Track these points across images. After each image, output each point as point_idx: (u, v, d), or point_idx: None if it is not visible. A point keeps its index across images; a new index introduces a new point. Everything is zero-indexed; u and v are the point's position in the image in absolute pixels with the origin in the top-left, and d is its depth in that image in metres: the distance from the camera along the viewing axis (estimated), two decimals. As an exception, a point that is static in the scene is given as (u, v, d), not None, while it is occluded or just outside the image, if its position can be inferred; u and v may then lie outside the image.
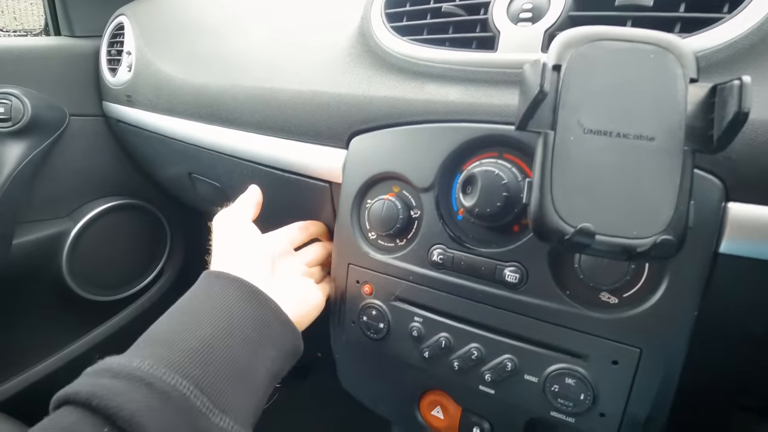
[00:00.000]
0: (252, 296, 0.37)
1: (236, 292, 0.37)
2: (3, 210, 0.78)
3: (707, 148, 0.28)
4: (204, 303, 0.36)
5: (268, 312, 0.37)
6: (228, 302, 0.36)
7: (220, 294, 0.36)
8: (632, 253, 0.27)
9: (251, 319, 0.36)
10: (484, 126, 0.41)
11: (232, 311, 0.35)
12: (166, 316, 0.36)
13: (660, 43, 0.29)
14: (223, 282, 0.38)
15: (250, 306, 0.36)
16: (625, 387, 0.36)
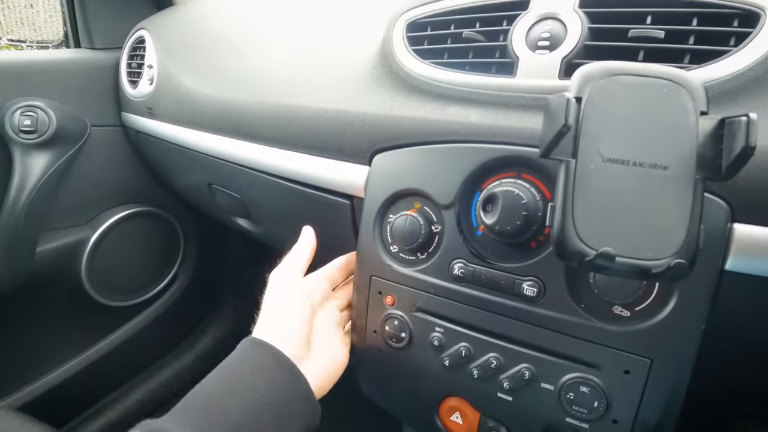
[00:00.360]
0: (288, 371, 0.41)
1: (275, 364, 0.41)
2: (29, 219, 0.80)
3: (716, 177, 0.31)
4: (243, 374, 0.40)
5: (299, 387, 0.41)
6: (267, 374, 0.39)
7: (260, 365, 0.40)
8: (648, 274, 0.30)
9: (283, 393, 0.39)
10: (504, 147, 0.43)
11: (272, 384, 0.39)
12: (209, 380, 0.40)
13: (673, 78, 0.32)
14: (263, 352, 0.42)
15: (285, 380, 0.40)
16: (637, 395, 0.38)
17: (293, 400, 0.40)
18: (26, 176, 0.80)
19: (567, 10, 0.43)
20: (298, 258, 0.52)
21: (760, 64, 0.36)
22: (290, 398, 0.40)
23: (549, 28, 0.43)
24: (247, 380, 0.38)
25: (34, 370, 0.91)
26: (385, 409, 0.54)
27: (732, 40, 0.37)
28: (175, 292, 1.15)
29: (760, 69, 0.36)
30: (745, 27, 0.37)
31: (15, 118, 0.79)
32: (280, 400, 0.38)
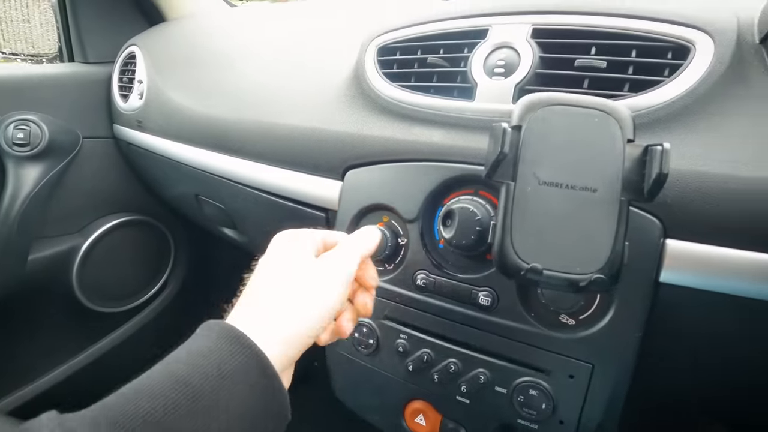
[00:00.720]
0: (270, 385, 0.29)
1: (258, 378, 0.29)
2: (21, 228, 0.83)
3: (640, 199, 0.34)
4: (212, 388, 0.27)
5: (280, 405, 0.30)
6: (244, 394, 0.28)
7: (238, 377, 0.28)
8: (576, 287, 0.33)
9: (261, 412, 0.29)
10: (463, 166, 0.47)
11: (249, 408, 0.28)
12: (160, 384, 0.27)
13: (603, 108, 0.35)
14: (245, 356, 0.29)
15: (267, 397, 0.29)
16: (580, 398, 0.41)
17: (267, 419, 0.29)
18: (19, 187, 0.83)
19: (521, 40, 0.46)
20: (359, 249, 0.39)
21: (690, 93, 0.39)
22: (265, 416, 0.29)
23: (504, 56, 0.46)
24: (215, 397, 0.27)
25: (26, 374, 0.93)
26: (357, 413, 0.57)
27: (666, 70, 0.41)
28: (165, 299, 1.18)
29: (689, 98, 0.39)
30: (677, 59, 0.41)
31: (9, 132, 0.82)
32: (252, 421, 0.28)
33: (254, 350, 0.29)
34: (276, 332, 0.31)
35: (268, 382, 0.29)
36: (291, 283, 0.34)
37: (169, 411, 0.25)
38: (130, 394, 0.26)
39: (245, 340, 0.29)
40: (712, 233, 0.37)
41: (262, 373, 0.29)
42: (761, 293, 0.36)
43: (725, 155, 0.37)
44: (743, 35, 0.41)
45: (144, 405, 0.25)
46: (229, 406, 0.27)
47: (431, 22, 0.53)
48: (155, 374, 0.27)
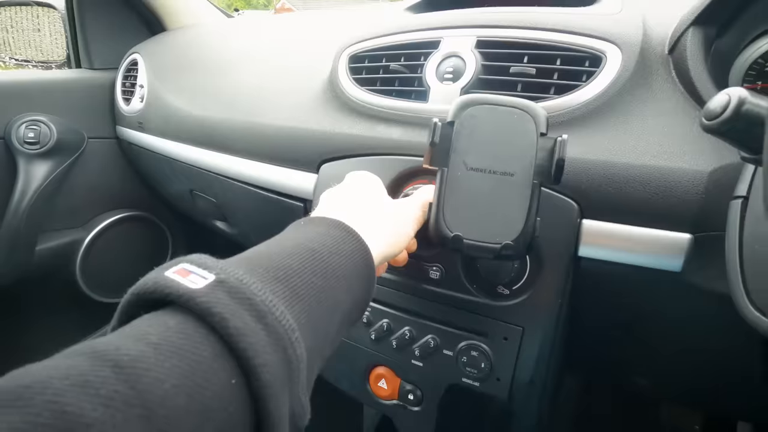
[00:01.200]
0: (369, 272, 0.35)
1: (361, 259, 0.34)
2: (30, 221, 0.90)
3: (548, 181, 0.41)
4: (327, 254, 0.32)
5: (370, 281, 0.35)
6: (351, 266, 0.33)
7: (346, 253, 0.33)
8: (493, 253, 0.40)
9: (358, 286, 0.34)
10: (419, 159, 0.54)
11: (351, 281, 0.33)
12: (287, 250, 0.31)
13: (521, 107, 0.42)
14: (352, 242, 0.34)
15: (363, 275, 0.34)
16: (513, 357, 0.48)
17: (358, 307, 0.35)
18: (28, 182, 0.90)
19: (467, 49, 0.53)
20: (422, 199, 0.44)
21: (601, 95, 0.46)
22: (358, 307, 0.34)
23: (453, 64, 0.54)
24: (337, 268, 0.31)
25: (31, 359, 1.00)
26: (329, 380, 0.63)
27: (584, 76, 0.48)
28: (163, 291, 1.25)
29: (601, 99, 0.46)
30: (593, 67, 0.48)
31: (20, 131, 0.89)
32: (350, 303, 0.33)
33: (361, 242, 0.35)
34: (374, 239, 0.37)
35: (368, 271, 0.35)
36: (380, 206, 0.41)
37: (305, 268, 0.29)
38: (271, 252, 0.30)
39: (353, 232, 0.35)
40: (619, 213, 0.44)
41: (365, 263, 0.34)
42: (658, 264, 0.43)
43: (627, 147, 0.44)
44: (652, 47, 0.48)
45: (287, 261, 0.29)
46: (345, 276, 0.32)
47: (394, 34, 0.60)
48: (289, 243, 0.31)
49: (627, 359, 0.58)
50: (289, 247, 0.31)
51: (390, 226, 0.40)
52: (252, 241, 0.68)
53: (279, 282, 0.27)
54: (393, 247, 0.39)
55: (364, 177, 0.45)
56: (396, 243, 0.40)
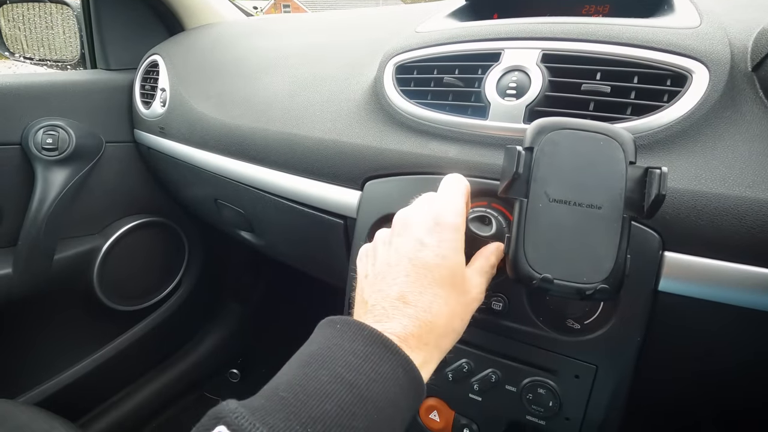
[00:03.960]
0: (414, 386, 0.33)
1: (406, 382, 0.32)
2: (48, 229, 0.87)
3: (641, 216, 0.37)
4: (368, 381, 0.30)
5: (417, 398, 0.33)
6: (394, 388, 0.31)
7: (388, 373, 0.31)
8: (583, 295, 0.36)
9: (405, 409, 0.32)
10: (477, 180, 0.50)
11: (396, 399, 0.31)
12: (297, 365, 0.31)
13: (608, 133, 0.39)
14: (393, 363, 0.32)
15: (410, 396, 0.32)
16: (585, 396, 0.45)
17: (408, 418, 0.33)
18: (47, 190, 0.87)
19: (531, 63, 0.50)
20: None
21: (687, 118, 0.43)
22: (406, 421, 0.33)
23: (516, 79, 0.50)
24: (375, 398, 0.29)
25: (49, 369, 0.97)
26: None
27: (665, 96, 0.44)
28: (180, 298, 1.22)
29: (686, 122, 0.43)
30: (676, 86, 0.44)
31: (38, 137, 0.86)
32: (398, 425, 0.31)
33: (403, 358, 0.32)
34: (424, 342, 0.35)
35: (413, 383, 0.32)
36: (447, 304, 0.37)
37: (345, 412, 0.28)
38: (303, 396, 0.28)
39: (393, 348, 0.32)
40: (706, 247, 0.41)
41: (409, 380, 0.32)
42: (750, 302, 0.40)
43: (717, 175, 0.40)
44: (736, 64, 0.45)
45: (325, 407, 0.28)
46: (388, 405, 0.30)
47: (447, 44, 0.56)
48: (324, 376, 0.29)
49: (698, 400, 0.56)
50: (325, 382, 0.29)
51: (452, 330, 0.38)
52: (281, 253, 0.63)
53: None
54: (449, 346, 0.38)
55: (440, 237, 0.38)
56: (454, 341, 0.39)
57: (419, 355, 0.34)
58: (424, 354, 0.35)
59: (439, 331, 0.36)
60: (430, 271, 0.36)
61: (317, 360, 0.31)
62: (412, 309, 0.35)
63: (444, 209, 0.39)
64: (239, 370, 1.34)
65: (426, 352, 0.35)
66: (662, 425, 0.70)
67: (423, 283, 0.36)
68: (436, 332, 0.36)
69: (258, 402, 0.28)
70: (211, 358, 1.29)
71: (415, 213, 0.41)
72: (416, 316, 0.35)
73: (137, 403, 1.10)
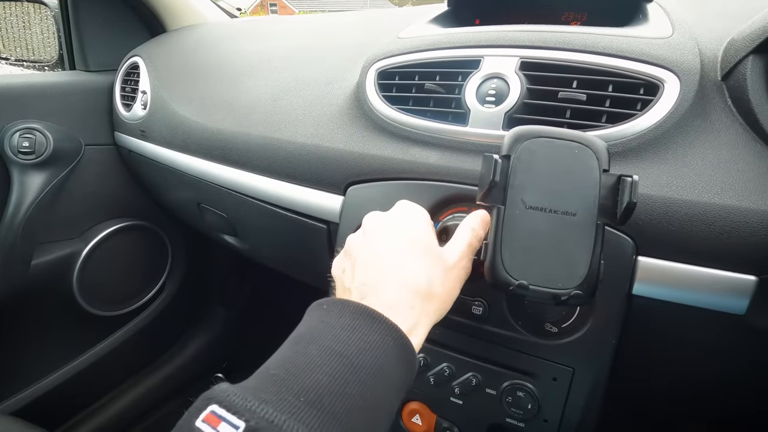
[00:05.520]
0: (406, 357, 0.33)
1: (395, 351, 0.32)
2: (25, 234, 0.85)
3: (614, 222, 0.38)
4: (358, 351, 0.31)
5: (411, 371, 0.34)
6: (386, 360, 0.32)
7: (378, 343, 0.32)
8: (558, 301, 0.37)
9: (397, 381, 0.33)
10: (457, 186, 0.51)
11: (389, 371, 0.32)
12: (313, 358, 0.30)
13: (583, 141, 0.39)
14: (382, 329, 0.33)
15: (401, 369, 0.33)
16: (562, 398, 0.46)
17: (404, 387, 0.34)
18: (24, 194, 0.85)
19: (510, 71, 0.50)
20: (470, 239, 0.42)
21: (659, 127, 0.44)
22: (402, 389, 0.33)
23: (495, 86, 0.51)
24: (367, 366, 0.30)
25: (28, 376, 0.95)
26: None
27: (639, 105, 0.45)
28: (163, 302, 1.20)
29: (658, 131, 0.44)
30: (648, 95, 0.45)
31: (14, 140, 0.84)
32: (394, 394, 0.32)
33: (391, 327, 0.33)
34: (411, 314, 0.36)
35: (403, 350, 0.33)
36: (422, 270, 0.38)
37: (337, 380, 0.29)
38: (294, 370, 0.29)
39: (380, 318, 0.33)
40: (678, 252, 0.42)
41: (398, 347, 0.33)
42: (719, 305, 0.41)
43: (687, 183, 0.42)
44: (706, 73, 0.46)
45: (317, 377, 0.28)
46: (380, 372, 0.31)
47: (428, 50, 0.57)
48: (314, 351, 0.30)
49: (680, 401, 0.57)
50: (315, 356, 0.30)
51: (434, 294, 0.38)
52: (264, 257, 0.62)
53: (313, 407, 0.27)
54: (436, 314, 0.39)
55: (409, 223, 0.41)
56: (441, 309, 0.39)
57: (407, 319, 0.35)
58: (412, 318, 0.36)
59: (421, 294, 0.37)
60: (405, 242, 0.39)
61: (306, 338, 0.32)
62: (392, 278, 0.37)
63: (412, 209, 0.44)
64: (224, 375, 1.32)
65: (413, 316, 0.36)
66: (640, 426, 0.72)
67: (399, 254, 0.39)
68: (419, 295, 0.37)
69: (250, 382, 0.29)
70: (196, 362, 1.28)
71: (385, 213, 0.44)
72: (398, 283, 0.37)
73: (119, 410, 1.08)
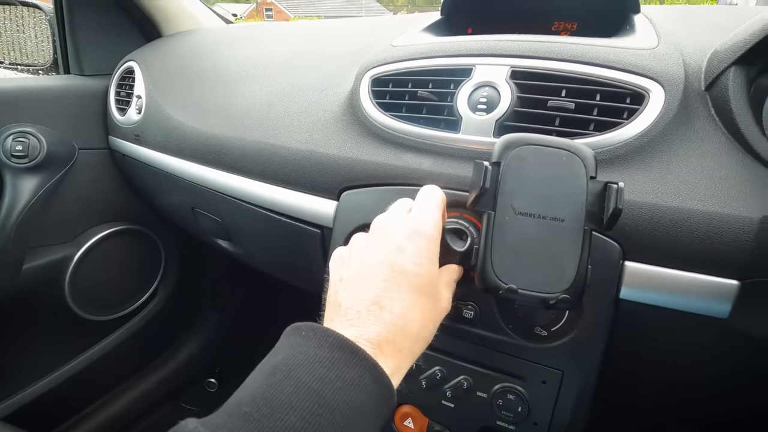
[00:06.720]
0: (384, 392, 0.32)
1: (373, 388, 0.31)
2: (17, 238, 0.85)
3: (600, 228, 0.39)
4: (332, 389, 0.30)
5: (389, 404, 0.33)
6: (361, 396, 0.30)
7: (354, 378, 0.31)
8: (546, 304, 0.38)
9: (374, 416, 0.31)
10: (450, 191, 0.51)
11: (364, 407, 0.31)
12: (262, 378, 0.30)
13: (570, 149, 0.41)
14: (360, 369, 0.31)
15: (379, 404, 0.32)
16: (552, 401, 0.47)
17: (379, 424, 0.32)
18: (16, 198, 0.84)
19: (501, 80, 0.51)
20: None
21: (644, 135, 0.45)
22: (376, 429, 0.32)
23: (486, 94, 0.52)
24: (343, 407, 0.29)
25: (19, 381, 0.94)
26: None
27: (625, 113, 0.47)
28: (156, 306, 1.20)
29: (644, 139, 0.45)
30: (635, 104, 0.47)
31: (7, 144, 0.84)
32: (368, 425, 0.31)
33: (370, 363, 0.32)
34: (393, 345, 0.35)
35: (382, 389, 0.32)
36: (422, 312, 0.37)
37: (311, 424, 0.27)
38: (266, 410, 0.28)
39: (360, 353, 0.32)
40: (663, 257, 0.43)
41: (376, 381, 0.32)
42: (703, 309, 0.42)
43: (672, 189, 0.43)
44: (690, 83, 0.48)
45: (290, 420, 0.27)
46: (351, 414, 0.29)
47: (421, 58, 0.58)
48: (289, 387, 0.29)
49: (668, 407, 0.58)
50: (290, 393, 0.29)
51: (424, 338, 0.38)
52: (258, 262, 0.62)
53: None
54: (419, 353, 0.38)
55: (419, 253, 0.38)
56: (424, 348, 0.39)
57: (392, 361, 0.34)
58: (397, 361, 0.35)
59: (412, 338, 0.36)
60: (408, 277, 0.37)
61: (282, 370, 0.30)
62: (387, 315, 0.35)
63: (422, 218, 0.41)
64: (217, 380, 1.32)
65: (399, 359, 0.35)
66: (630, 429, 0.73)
67: (400, 289, 0.36)
68: (410, 338, 0.36)
69: (220, 419, 0.27)
70: (188, 367, 1.27)
71: (394, 220, 0.41)
72: (391, 322, 0.35)
73: (111, 415, 1.07)
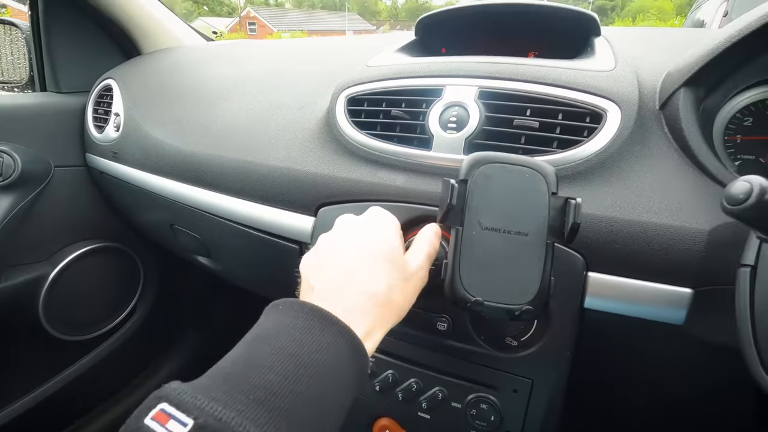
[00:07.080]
0: (357, 357, 0.34)
1: (348, 352, 0.34)
2: (-10, 258, 0.83)
3: (561, 241, 0.41)
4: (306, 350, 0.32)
5: (362, 374, 0.36)
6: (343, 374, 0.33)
7: (330, 343, 0.33)
8: (512, 316, 0.40)
9: (347, 387, 0.34)
10: (422, 207, 0.53)
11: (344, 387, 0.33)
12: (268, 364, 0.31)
13: (533, 166, 0.43)
14: (333, 330, 0.34)
15: (353, 372, 0.34)
16: (523, 409, 0.48)
17: (355, 386, 0.35)
18: (-11, 217, 0.83)
19: (470, 99, 0.54)
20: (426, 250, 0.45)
21: (603, 152, 0.48)
22: (352, 389, 0.35)
23: (456, 113, 0.54)
24: (319, 366, 0.31)
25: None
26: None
27: (585, 132, 0.49)
28: (134, 324, 1.18)
29: (603, 156, 0.48)
30: (594, 123, 0.49)
31: (-20, 163, 0.83)
32: (344, 393, 0.33)
33: (343, 328, 0.34)
34: (365, 315, 0.37)
35: (355, 351, 0.35)
36: (382, 273, 0.40)
37: (288, 380, 0.29)
38: (246, 370, 0.30)
39: (333, 320, 0.34)
40: (623, 267, 0.45)
41: (350, 349, 0.34)
42: (660, 316, 0.45)
43: (629, 203, 0.45)
44: (645, 103, 0.51)
45: (267, 376, 0.29)
46: (331, 374, 0.32)
47: (395, 79, 0.60)
48: (266, 351, 0.31)
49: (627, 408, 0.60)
50: (267, 355, 0.31)
51: (392, 302, 0.40)
52: (238, 278, 0.62)
53: (262, 405, 0.28)
54: (392, 320, 0.41)
55: (377, 230, 0.44)
56: (397, 315, 0.41)
57: (362, 323, 0.37)
58: (368, 323, 0.37)
59: (378, 301, 0.39)
60: (371, 249, 0.41)
61: (261, 338, 0.33)
62: (353, 283, 0.39)
63: (384, 214, 0.46)
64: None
65: (369, 321, 0.38)
66: None
67: (364, 260, 0.40)
68: (377, 302, 0.38)
69: (201, 381, 0.29)
70: (168, 386, 1.24)
71: (357, 218, 0.46)
72: (360, 290, 0.38)
73: (87, 438, 1.05)
